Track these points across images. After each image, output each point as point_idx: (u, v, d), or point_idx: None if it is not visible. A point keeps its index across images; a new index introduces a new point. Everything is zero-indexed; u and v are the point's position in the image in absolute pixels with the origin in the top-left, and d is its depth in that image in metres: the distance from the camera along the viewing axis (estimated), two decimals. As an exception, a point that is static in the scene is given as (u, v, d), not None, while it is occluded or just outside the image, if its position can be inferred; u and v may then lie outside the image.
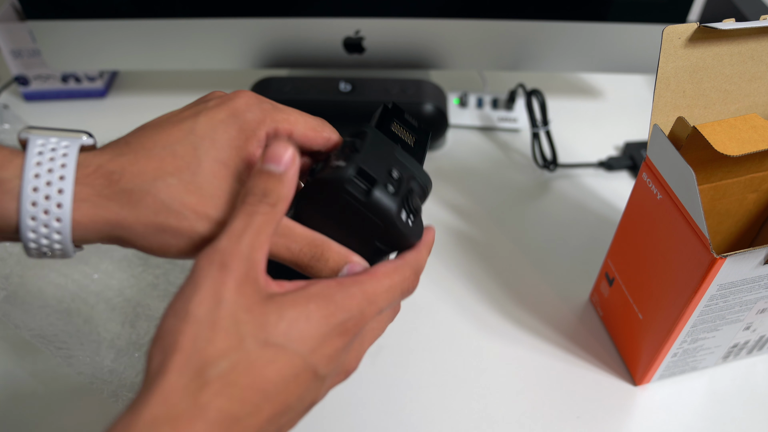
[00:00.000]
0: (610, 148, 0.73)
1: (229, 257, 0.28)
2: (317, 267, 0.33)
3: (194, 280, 0.28)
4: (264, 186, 0.30)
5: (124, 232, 0.31)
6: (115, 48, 0.70)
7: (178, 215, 0.31)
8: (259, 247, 0.30)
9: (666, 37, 0.40)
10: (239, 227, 0.29)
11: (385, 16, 0.67)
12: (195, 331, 0.27)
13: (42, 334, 0.53)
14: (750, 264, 0.41)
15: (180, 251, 0.32)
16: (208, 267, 0.28)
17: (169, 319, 0.28)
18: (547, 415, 0.50)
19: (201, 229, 0.31)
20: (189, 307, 0.28)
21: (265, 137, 0.35)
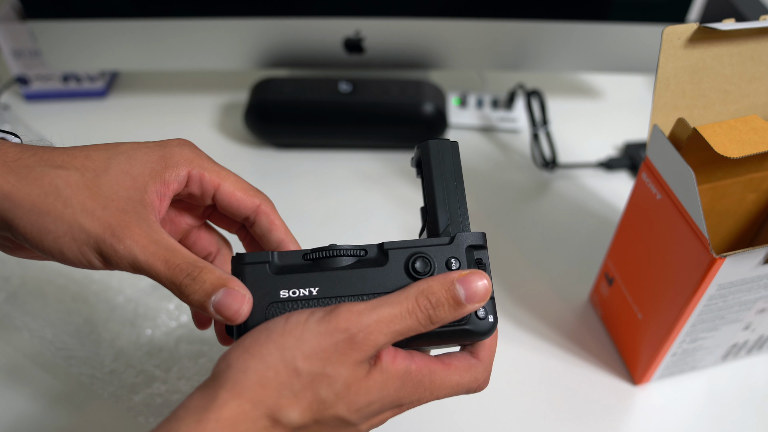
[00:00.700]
0: (610, 149, 0.73)
1: (364, 338, 0.29)
2: (190, 287, 0.31)
3: (319, 331, 0.29)
4: (441, 300, 0.31)
5: (11, 205, 0.31)
6: (116, 48, 0.70)
7: (66, 202, 0.31)
8: (392, 341, 0.30)
9: (666, 37, 0.40)
10: (391, 316, 0.30)
11: (385, 16, 0.67)
12: (289, 381, 0.29)
13: (42, 334, 0.53)
14: (749, 264, 0.41)
15: (55, 242, 0.31)
16: (340, 332, 0.29)
17: (270, 346, 0.29)
18: (547, 414, 0.50)
19: (83, 222, 0.31)
20: (296, 354, 0.29)
21: (186, 176, 0.35)
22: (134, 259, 0.31)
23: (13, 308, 0.54)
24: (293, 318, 0.30)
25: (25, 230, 0.31)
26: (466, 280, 0.31)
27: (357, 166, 0.70)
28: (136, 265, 0.31)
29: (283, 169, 0.70)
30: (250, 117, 0.69)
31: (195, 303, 0.31)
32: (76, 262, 0.32)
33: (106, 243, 0.31)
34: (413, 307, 0.30)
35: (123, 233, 0.31)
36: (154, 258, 0.31)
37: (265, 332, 0.29)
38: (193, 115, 0.76)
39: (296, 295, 0.32)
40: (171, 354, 0.52)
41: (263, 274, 0.32)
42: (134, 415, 0.48)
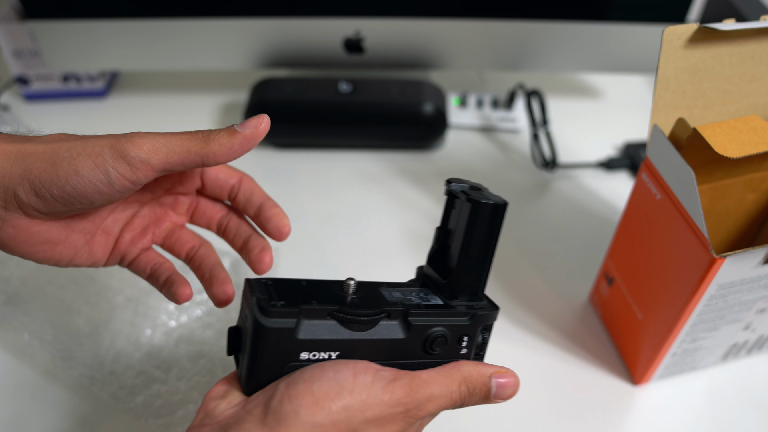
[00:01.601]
0: (610, 149, 0.73)
1: (416, 412, 0.32)
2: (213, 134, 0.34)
3: (382, 402, 0.31)
4: (475, 390, 0.34)
5: (24, 155, 0.32)
6: (116, 48, 0.70)
7: (76, 139, 0.33)
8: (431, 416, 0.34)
9: (666, 37, 0.40)
10: (438, 396, 0.33)
11: (385, 16, 0.67)
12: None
13: (42, 336, 0.53)
14: (749, 264, 0.41)
15: (70, 164, 0.32)
16: (401, 405, 0.31)
17: (337, 402, 0.30)
18: (547, 414, 0.50)
19: (95, 140, 0.33)
20: (360, 417, 0.30)
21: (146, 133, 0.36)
22: (154, 139, 0.33)
23: (13, 309, 0.54)
24: (360, 379, 0.30)
25: (39, 170, 0.32)
26: (502, 377, 0.35)
27: (357, 166, 0.70)
28: (157, 146, 0.33)
29: (283, 169, 0.70)
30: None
31: (224, 137, 0.34)
32: (94, 179, 0.32)
33: (120, 141, 0.33)
34: (455, 391, 0.33)
35: (135, 133, 0.34)
36: (171, 135, 0.34)
37: (336, 385, 0.30)
38: (193, 115, 0.76)
39: (315, 357, 0.32)
40: (171, 354, 0.52)
41: (289, 334, 0.31)
42: (134, 416, 0.48)
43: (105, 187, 0.33)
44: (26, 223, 0.34)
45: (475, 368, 0.34)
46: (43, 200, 0.33)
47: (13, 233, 0.34)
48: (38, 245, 0.35)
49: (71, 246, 0.37)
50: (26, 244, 0.35)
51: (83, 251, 0.38)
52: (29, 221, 0.34)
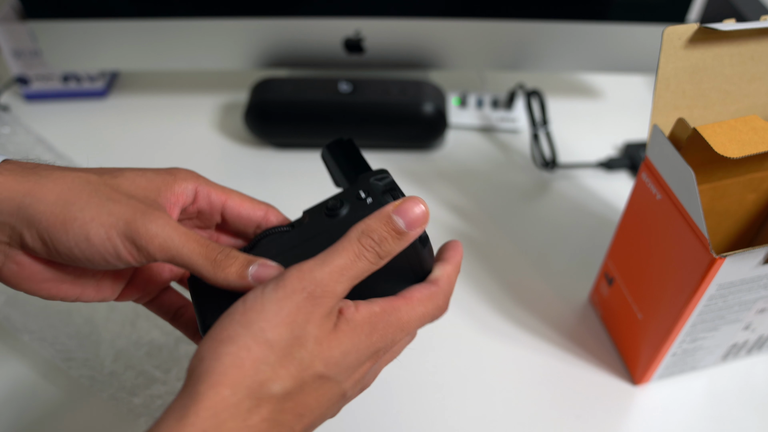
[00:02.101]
0: (610, 149, 0.73)
1: (323, 292, 0.29)
2: (226, 261, 0.32)
3: (277, 298, 0.29)
4: (383, 235, 0.31)
5: (33, 200, 0.31)
6: (116, 48, 0.70)
7: (90, 193, 0.32)
8: (350, 287, 0.31)
9: (666, 37, 0.40)
10: (342, 265, 0.30)
11: (385, 16, 0.67)
12: (263, 354, 0.28)
13: (42, 336, 0.53)
14: (749, 264, 0.41)
15: (81, 228, 0.31)
16: (297, 292, 0.29)
17: (235, 326, 0.29)
18: (547, 415, 0.50)
19: (111, 207, 0.32)
20: (263, 326, 0.28)
21: (194, 191, 0.37)
22: (168, 237, 0.32)
23: (13, 310, 0.54)
24: (249, 296, 0.30)
25: (48, 223, 0.31)
26: (401, 209, 0.31)
27: (357, 166, 0.70)
28: (168, 245, 0.32)
29: (283, 169, 0.70)
30: (250, 117, 0.69)
31: (233, 275, 0.32)
32: (102, 251, 0.32)
33: (137, 223, 0.32)
34: (359, 250, 0.31)
35: (154, 215, 0.32)
36: (187, 237, 0.32)
37: (227, 317, 0.29)
38: (193, 115, 0.76)
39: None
40: (171, 354, 0.52)
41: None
42: (134, 417, 0.48)
43: (112, 259, 0.32)
44: (28, 261, 0.33)
45: (371, 217, 0.31)
46: (48, 250, 0.32)
47: (16, 270, 0.33)
48: (43, 282, 0.34)
49: (78, 285, 0.36)
50: (30, 281, 0.34)
51: (91, 290, 0.36)
52: (32, 260, 0.33)
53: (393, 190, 0.35)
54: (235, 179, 0.66)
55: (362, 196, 0.35)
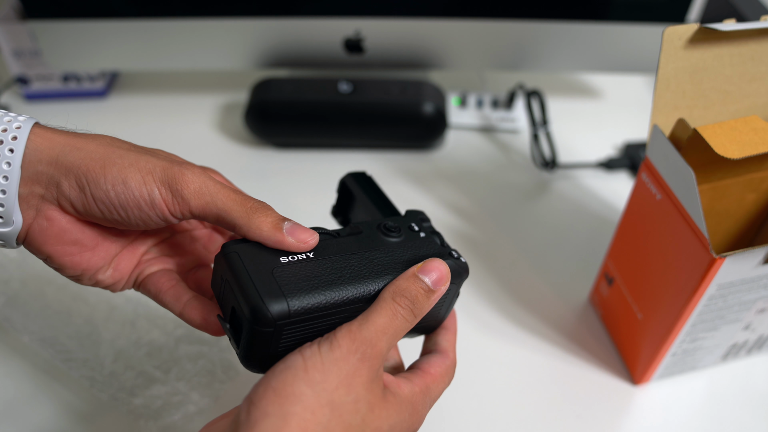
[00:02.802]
0: (610, 149, 0.73)
1: (371, 351, 0.30)
2: (262, 213, 0.33)
3: (335, 358, 0.30)
4: (415, 295, 0.33)
5: (78, 152, 0.32)
6: (116, 48, 0.70)
7: (129, 148, 0.33)
8: (391, 347, 0.32)
9: (666, 37, 0.40)
10: (385, 324, 0.31)
11: (385, 16, 0.67)
12: (326, 418, 0.29)
13: (42, 337, 0.53)
14: (749, 264, 0.41)
15: (120, 172, 0.32)
16: (352, 353, 0.30)
17: (300, 384, 0.29)
18: (547, 415, 0.50)
19: (148, 158, 0.33)
20: (326, 387, 0.29)
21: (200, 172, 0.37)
22: (203, 183, 0.33)
23: (13, 311, 0.54)
24: (307, 352, 0.30)
25: (88, 167, 0.32)
26: (426, 269, 0.33)
27: (357, 166, 0.70)
28: (203, 190, 0.33)
29: (283, 169, 0.70)
30: (250, 117, 0.69)
31: (267, 224, 0.32)
32: (138, 195, 0.32)
33: (173, 169, 0.32)
34: (395, 309, 0.32)
35: (190, 165, 0.33)
36: (222, 187, 0.33)
37: (290, 371, 0.29)
38: (193, 115, 0.76)
39: (295, 259, 0.33)
40: (171, 354, 0.52)
41: (255, 249, 0.33)
42: (134, 417, 0.48)
43: (146, 206, 0.32)
44: (60, 217, 0.33)
45: (400, 279, 0.33)
46: (84, 198, 0.32)
47: (45, 226, 0.33)
48: (68, 245, 0.34)
49: (100, 256, 0.36)
50: (56, 240, 0.34)
51: (109, 266, 0.37)
52: (63, 216, 0.33)
53: (438, 234, 0.38)
54: (235, 179, 0.65)
55: (415, 228, 0.37)
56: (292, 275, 0.32)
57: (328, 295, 0.32)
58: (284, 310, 0.30)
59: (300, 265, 0.32)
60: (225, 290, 0.33)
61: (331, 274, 0.33)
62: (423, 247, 0.36)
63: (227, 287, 0.32)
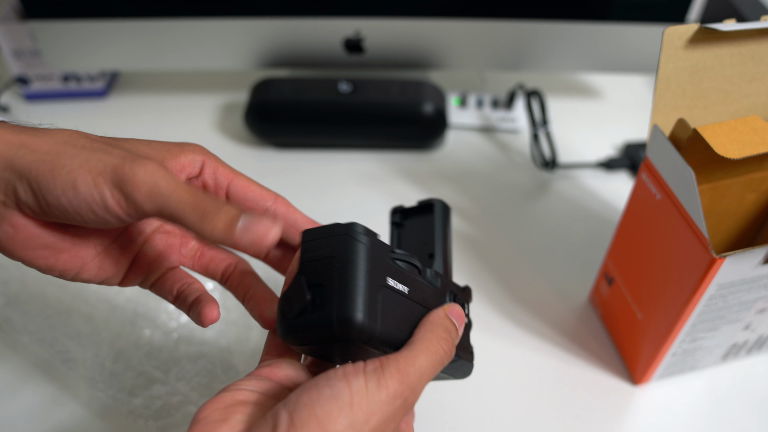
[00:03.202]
0: (610, 149, 0.73)
1: (413, 398, 0.30)
2: (216, 213, 0.29)
3: (381, 401, 0.29)
4: (450, 331, 0.33)
5: (26, 151, 0.30)
6: (116, 48, 0.70)
7: (83, 145, 0.31)
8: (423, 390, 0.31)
9: (666, 38, 0.40)
10: (427, 366, 0.31)
11: (385, 16, 0.67)
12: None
13: (42, 337, 0.53)
14: (749, 264, 0.41)
15: (69, 175, 0.30)
16: (398, 398, 0.29)
17: (343, 422, 0.28)
18: (547, 414, 0.50)
19: (101, 156, 0.30)
20: (364, 429, 0.28)
21: (201, 163, 0.36)
22: (155, 183, 0.30)
23: (13, 311, 0.54)
24: (354, 385, 0.28)
25: (38, 171, 0.30)
26: (451, 312, 0.34)
27: (357, 166, 0.70)
28: (156, 191, 0.30)
29: (283, 169, 0.70)
30: (250, 117, 0.69)
31: (220, 225, 0.29)
32: (89, 200, 0.30)
33: (124, 168, 0.30)
34: (438, 347, 0.32)
35: (143, 162, 0.30)
36: (176, 185, 0.30)
37: (336, 404, 0.28)
38: (193, 115, 0.76)
39: (397, 288, 0.32)
40: (171, 354, 0.52)
41: (378, 252, 0.31)
42: (134, 418, 0.48)
43: (100, 210, 0.30)
44: (25, 223, 0.31)
45: (434, 315, 0.33)
46: (39, 204, 0.31)
47: (11, 233, 0.31)
48: (39, 249, 0.33)
49: (78, 257, 0.34)
50: (26, 246, 0.32)
51: (92, 264, 0.35)
52: (28, 221, 0.32)
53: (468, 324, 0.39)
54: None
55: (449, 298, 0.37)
56: (389, 305, 0.31)
57: (400, 341, 0.31)
58: (367, 335, 0.29)
59: (398, 299, 0.32)
60: (326, 262, 0.30)
61: (411, 319, 0.32)
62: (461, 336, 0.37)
63: (331, 264, 0.30)
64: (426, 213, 0.42)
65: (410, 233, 0.42)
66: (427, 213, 0.42)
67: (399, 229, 0.43)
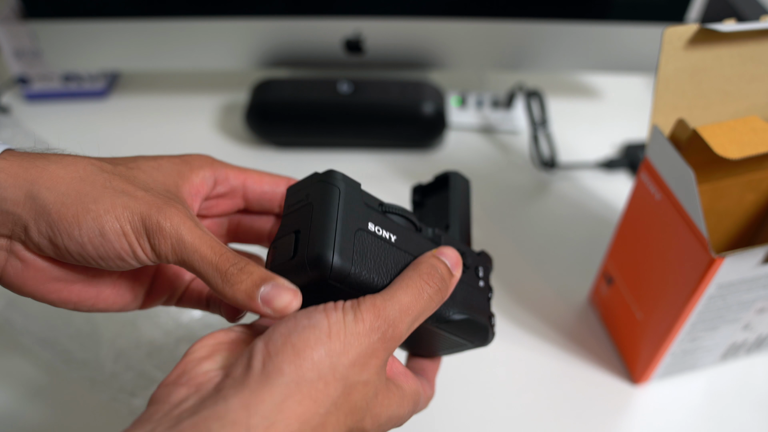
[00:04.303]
0: (609, 149, 0.73)
1: (392, 332, 0.29)
2: (237, 276, 0.29)
3: (358, 332, 0.28)
4: (442, 273, 0.32)
5: (40, 188, 0.29)
6: (116, 48, 0.70)
7: (104, 183, 0.30)
8: (412, 329, 0.30)
9: (666, 38, 0.40)
10: (409, 303, 0.30)
11: (385, 16, 0.67)
12: (335, 394, 0.27)
13: (42, 338, 0.53)
14: (748, 264, 0.41)
15: (95, 221, 0.29)
16: (375, 331, 0.28)
17: (320, 350, 0.27)
18: (546, 414, 0.50)
19: (125, 200, 0.30)
20: (344, 362, 0.27)
21: (212, 177, 0.35)
22: (180, 238, 0.29)
23: (14, 313, 0.54)
24: (333, 316, 0.28)
25: (59, 215, 0.28)
26: (442, 253, 0.33)
27: (357, 166, 0.70)
28: (180, 246, 0.29)
29: (283, 169, 0.70)
30: (251, 117, 0.69)
31: (241, 293, 0.29)
32: (118, 248, 0.29)
33: (152, 219, 0.29)
34: (422, 287, 0.30)
35: (169, 212, 0.30)
36: (201, 241, 0.30)
37: (313, 332, 0.27)
38: (193, 115, 0.76)
39: (380, 233, 0.32)
40: (171, 354, 0.52)
41: (355, 197, 0.32)
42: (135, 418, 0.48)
43: (129, 258, 0.30)
44: (35, 258, 0.30)
45: (424, 257, 0.32)
46: (55, 248, 0.29)
47: (21, 268, 0.30)
48: (50, 283, 0.31)
49: (92, 286, 0.33)
50: (35, 281, 0.31)
51: (108, 293, 0.33)
52: (38, 256, 0.30)
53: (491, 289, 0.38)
54: (236, 179, 0.66)
55: (480, 274, 0.37)
56: (367, 248, 0.31)
57: (381, 284, 0.31)
58: (340, 275, 0.29)
59: (379, 243, 0.31)
60: (304, 210, 0.31)
61: (395, 267, 0.32)
62: (473, 296, 0.36)
63: (308, 210, 0.31)
64: (444, 187, 0.41)
65: (429, 210, 0.42)
66: (445, 187, 0.41)
67: (420, 208, 0.43)
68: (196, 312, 0.55)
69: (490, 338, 0.37)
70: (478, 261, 0.38)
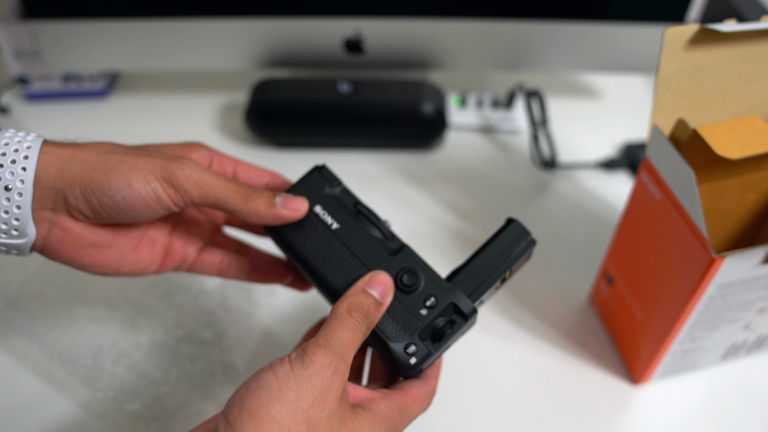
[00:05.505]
0: (609, 149, 0.73)
1: (343, 365, 0.31)
2: (256, 194, 0.37)
3: (308, 375, 0.30)
4: (368, 309, 0.35)
5: (75, 162, 0.35)
6: (116, 48, 0.70)
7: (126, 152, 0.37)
8: (352, 359, 0.33)
9: (667, 38, 0.40)
10: (349, 338, 0.33)
11: (385, 16, 0.67)
12: (297, 430, 0.29)
13: (42, 338, 0.53)
14: (749, 264, 0.41)
15: (123, 175, 0.35)
16: (326, 368, 0.31)
17: (275, 404, 0.29)
18: (546, 414, 0.50)
19: (146, 158, 0.36)
20: (302, 405, 0.29)
21: (209, 157, 0.42)
22: (201, 176, 0.36)
23: (14, 313, 0.54)
24: (280, 371, 0.30)
25: (91, 177, 0.35)
26: (374, 282, 0.36)
27: (357, 166, 0.70)
28: (202, 182, 0.36)
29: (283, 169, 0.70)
30: (251, 117, 0.69)
31: (262, 204, 0.37)
32: (144, 194, 0.35)
33: (172, 166, 0.36)
34: (354, 323, 0.34)
35: (185, 160, 0.37)
36: (217, 177, 0.37)
37: (264, 391, 0.29)
38: (193, 115, 0.76)
39: (323, 218, 0.39)
40: (171, 354, 0.52)
41: (320, 186, 0.40)
42: (134, 418, 0.48)
43: (153, 203, 0.36)
44: (73, 225, 0.36)
45: (352, 294, 0.35)
46: (90, 206, 0.35)
47: (61, 235, 0.36)
48: (85, 248, 0.37)
49: (118, 251, 0.39)
50: (74, 246, 0.37)
51: (130, 257, 0.40)
52: (76, 223, 0.36)
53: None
54: (236, 179, 0.66)
55: (427, 303, 0.37)
56: (311, 230, 0.39)
57: (318, 272, 0.37)
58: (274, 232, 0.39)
59: (323, 230, 0.39)
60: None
61: (338, 260, 0.37)
62: (400, 319, 0.37)
63: None
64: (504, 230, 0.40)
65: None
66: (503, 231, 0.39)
67: None
68: (196, 312, 0.55)
69: (405, 364, 0.36)
70: (441, 295, 0.37)
